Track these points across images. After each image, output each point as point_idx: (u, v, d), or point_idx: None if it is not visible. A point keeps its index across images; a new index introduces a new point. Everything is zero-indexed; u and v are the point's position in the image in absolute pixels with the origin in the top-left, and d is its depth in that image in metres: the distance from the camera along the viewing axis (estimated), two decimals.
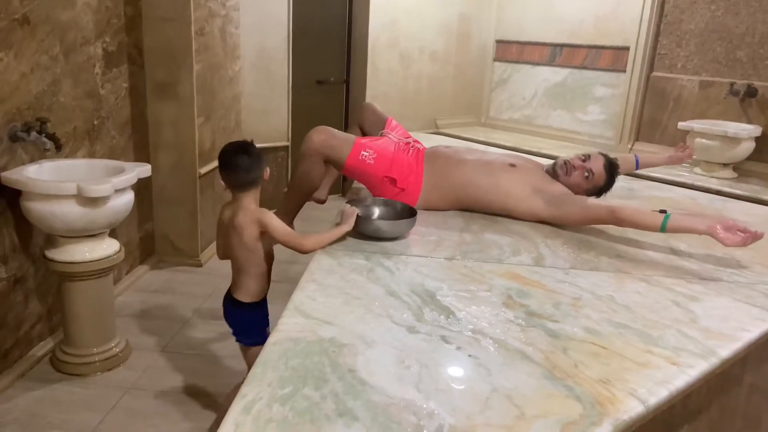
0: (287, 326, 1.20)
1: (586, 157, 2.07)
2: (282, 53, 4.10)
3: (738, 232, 1.61)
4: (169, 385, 2.33)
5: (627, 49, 4.17)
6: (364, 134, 2.30)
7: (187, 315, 2.86)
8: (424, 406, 0.95)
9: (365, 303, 1.32)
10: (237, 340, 1.95)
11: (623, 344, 1.20)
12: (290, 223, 2.14)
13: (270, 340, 1.14)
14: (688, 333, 1.25)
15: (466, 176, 2.01)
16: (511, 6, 4.88)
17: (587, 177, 2.04)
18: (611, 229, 1.94)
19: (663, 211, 1.77)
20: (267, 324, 1.93)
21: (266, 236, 1.77)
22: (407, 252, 1.65)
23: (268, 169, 1.80)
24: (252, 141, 1.82)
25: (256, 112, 4.04)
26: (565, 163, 2.06)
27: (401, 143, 2.12)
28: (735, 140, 3.44)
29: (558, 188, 2.00)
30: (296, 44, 4.18)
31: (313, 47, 4.41)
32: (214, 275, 3.28)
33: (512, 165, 2.05)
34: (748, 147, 3.49)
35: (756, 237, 1.60)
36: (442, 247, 1.70)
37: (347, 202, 1.83)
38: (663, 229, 1.74)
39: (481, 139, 4.52)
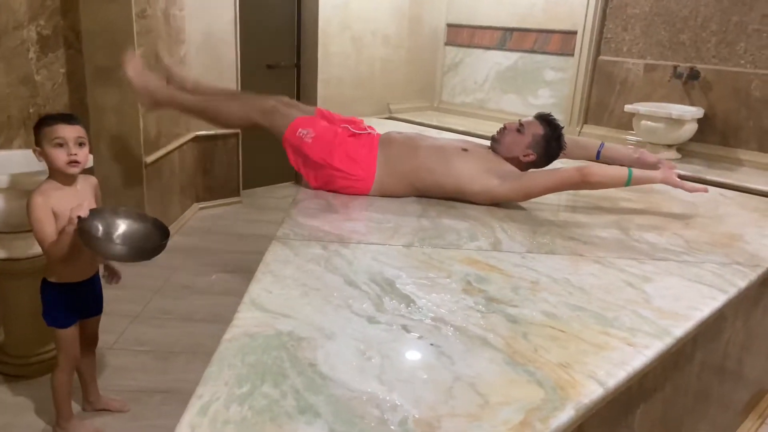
0: (243, 321, 1.16)
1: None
2: (229, 36, 3.97)
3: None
4: (118, 384, 2.25)
5: (575, 33, 4.23)
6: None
7: (136, 310, 2.76)
8: (387, 398, 0.93)
9: (324, 294, 1.29)
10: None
11: (580, 327, 1.21)
12: (167, 107, 2.21)
13: (225, 336, 1.10)
14: (642, 313, 1.28)
15: (419, 161, 2.00)
16: None
17: (519, 130, 2.05)
18: (564, 211, 1.97)
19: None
20: (68, 310, 1.91)
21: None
22: (365, 240, 1.63)
23: (39, 150, 1.77)
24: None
25: None
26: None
27: (349, 131, 2.09)
28: (679, 122, 3.54)
29: (511, 167, 2.02)
30: (244, 27, 4.06)
31: (262, 30, 4.30)
32: (163, 268, 3.17)
33: (464, 149, 2.06)
34: (691, 128, 3.60)
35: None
36: (399, 234, 1.68)
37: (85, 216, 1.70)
38: (629, 182, 1.84)
39: (435, 123, 4.52)
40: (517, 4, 4.55)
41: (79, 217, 1.67)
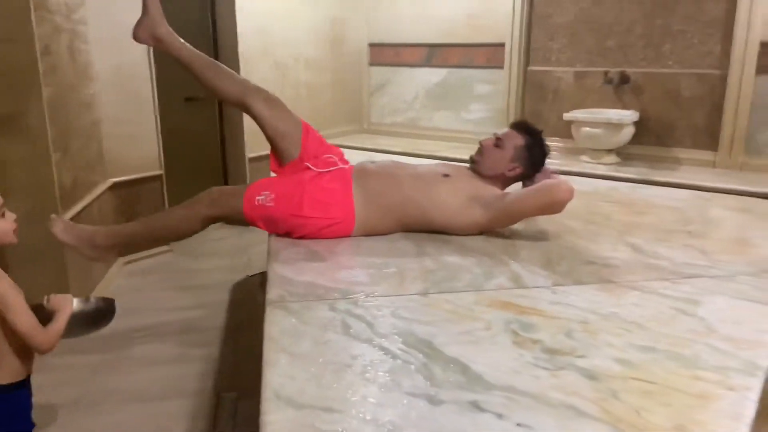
0: (276, 426, 0.91)
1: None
2: (143, 69, 3.61)
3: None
4: None
5: (502, 45, 4.23)
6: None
7: (74, 395, 2.34)
8: None
9: (358, 371, 1.06)
10: None
11: (664, 373, 1.05)
12: (113, 248, 1.99)
13: None
14: (716, 345, 1.15)
15: (403, 194, 1.82)
16: (383, 8, 4.77)
17: (498, 145, 1.92)
18: (567, 233, 1.84)
19: None
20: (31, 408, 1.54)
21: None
22: (373, 292, 1.40)
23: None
24: None
25: (122, 139, 3.52)
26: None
27: (315, 172, 1.87)
28: (618, 126, 3.59)
29: (493, 190, 1.88)
30: (159, 59, 3.71)
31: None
32: (95, 340, 2.72)
33: (446, 175, 1.89)
34: (629, 132, 3.65)
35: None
36: (408, 280, 1.47)
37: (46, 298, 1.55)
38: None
39: (368, 146, 4.34)
40: (440, 19, 4.50)
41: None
